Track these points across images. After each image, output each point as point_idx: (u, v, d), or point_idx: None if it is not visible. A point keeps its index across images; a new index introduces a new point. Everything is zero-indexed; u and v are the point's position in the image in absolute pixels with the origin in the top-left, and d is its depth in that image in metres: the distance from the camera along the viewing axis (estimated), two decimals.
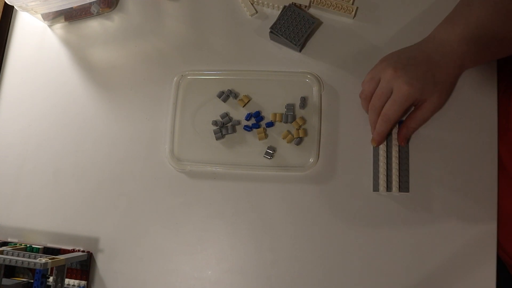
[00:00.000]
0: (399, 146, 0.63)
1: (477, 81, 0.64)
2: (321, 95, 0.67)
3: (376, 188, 0.63)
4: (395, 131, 0.63)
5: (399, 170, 0.62)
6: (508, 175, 0.61)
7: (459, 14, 0.60)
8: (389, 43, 0.68)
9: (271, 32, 0.68)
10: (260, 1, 0.71)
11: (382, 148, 0.63)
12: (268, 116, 0.68)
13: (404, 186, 0.62)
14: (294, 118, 0.66)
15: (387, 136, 0.63)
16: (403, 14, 0.69)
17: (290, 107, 0.67)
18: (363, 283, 0.61)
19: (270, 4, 0.71)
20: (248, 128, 0.67)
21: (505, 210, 0.61)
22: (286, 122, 0.67)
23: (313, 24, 0.68)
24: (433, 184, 0.62)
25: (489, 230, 0.60)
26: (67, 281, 0.66)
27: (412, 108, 0.62)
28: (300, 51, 0.69)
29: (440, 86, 0.60)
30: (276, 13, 0.71)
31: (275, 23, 0.68)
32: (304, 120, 0.66)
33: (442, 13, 0.62)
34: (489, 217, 0.61)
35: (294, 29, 0.68)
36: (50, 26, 0.78)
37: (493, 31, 0.58)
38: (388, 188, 0.62)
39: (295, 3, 0.69)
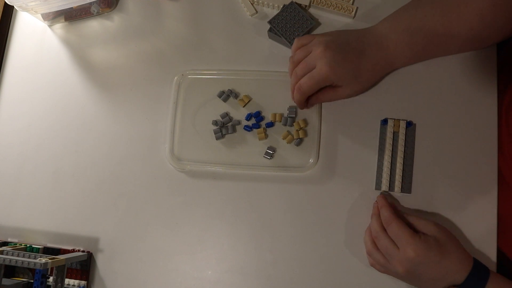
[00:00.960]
0: (404, 147, 0.63)
1: (477, 81, 0.64)
2: None
3: (378, 186, 0.63)
4: (400, 144, 0.63)
5: (403, 171, 0.63)
6: (505, 181, 0.61)
7: (406, 12, 0.62)
8: None
9: (269, 29, 0.68)
10: (260, 1, 0.71)
11: (388, 147, 0.63)
12: (268, 116, 0.68)
13: (406, 187, 0.62)
14: (294, 121, 0.66)
15: (305, 102, 0.64)
16: None
17: (292, 109, 0.66)
18: (363, 283, 0.61)
19: (270, 4, 0.71)
20: (248, 128, 0.67)
21: (503, 213, 0.61)
22: (285, 124, 0.67)
23: (311, 25, 0.68)
24: (433, 186, 0.62)
25: (489, 231, 0.60)
26: (67, 281, 0.66)
27: None
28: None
29: (360, 79, 0.62)
30: (277, 13, 0.71)
31: (274, 18, 0.68)
32: (306, 122, 0.66)
33: None
34: (489, 217, 0.61)
35: (291, 27, 0.68)
36: (50, 26, 0.78)
37: (435, 33, 0.59)
38: (391, 188, 0.62)
39: (296, 2, 0.69)
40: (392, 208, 0.58)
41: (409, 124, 0.64)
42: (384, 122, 0.64)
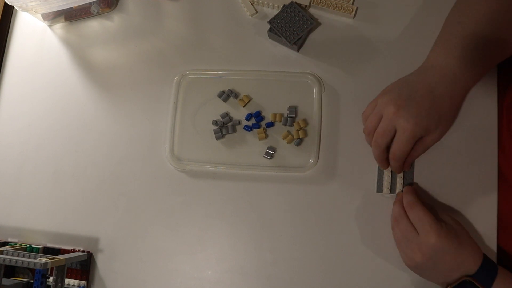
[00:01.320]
0: None
1: (477, 86, 0.64)
2: (321, 95, 0.67)
3: (379, 189, 0.63)
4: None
5: (404, 172, 0.63)
6: (506, 180, 0.61)
7: (452, 34, 0.60)
8: (389, 43, 0.68)
9: (269, 29, 0.68)
10: (260, 1, 0.71)
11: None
12: (268, 116, 0.68)
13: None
14: (294, 120, 0.66)
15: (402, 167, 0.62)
16: (403, 14, 0.69)
17: (292, 109, 0.66)
18: (364, 283, 0.61)
19: (270, 4, 0.71)
20: (248, 128, 0.67)
21: (504, 213, 0.61)
22: (285, 124, 0.67)
23: (311, 25, 0.67)
24: (433, 186, 0.62)
25: (489, 231, 0.60)
26: (67, 281, 0.66)
27: None
28: (298, 50, 0.69)
29: (444, 119, 0.59)
30: (277, 13, 0.71)
31: (274, 17, 0.68)
32: (306, 122, 0.66)
33: (443, 13, 0.63)
34: (489, 218, 0.61)
35: (291, 27, 0.68)
36: (50, 26, 0.78)
37: (488, 41, 0.58)
38: (392, 190, 0.62)
39: (296, 2, 0.69)
40: (417, 195, 0.59)
41: None
42: None
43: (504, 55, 0.61)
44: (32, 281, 0.68)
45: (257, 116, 0.67)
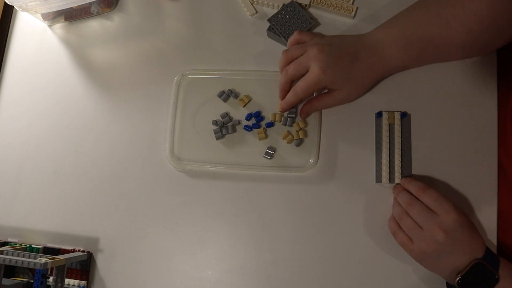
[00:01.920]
0: (401, 138, 0.63)
1: (477, 81, 0.64)
2: None
3: (378, 179, 0.63)
4: (397, 135, 0.64)
5: (402, 161, 0.63)
6: (507, 177, 0.61)
7: (402, 18, 0.62)
8: None
9: (268, 28, 0.68)
10: (260, 1, 0.71)
11: (385, 139, 0.63)
12: (268, 116, 0.68)
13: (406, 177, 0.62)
14: (294, 121, 0.66)
15: (294, 106, 0.65)
16: None
17: (292, 109, 0.66)
18: (364, 283, 0.61)
19: (270, 3, 0.71)
20: (248, 128, 0.67)
21: (504, 211, 0.61)
22: (285, 124, 0.67)
23: (310, 24, 0.67)
24: (433, 186, 0.62)
25: (489, 230, 0.60)
26: (67, 281, 0.66)
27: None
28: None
29: (354, 82, 0.62)
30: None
31: (273, 16, 0.68)
32: (305, 123, 0.66)
33: None
34: (489, 217, 0.61)
35: (290, 26, 0.68)
36: (50, 26, 0.78)
37: (430, 38, 0.59)
38: (391, 179, 0.62)
39: (296, 1, 0.69)
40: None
41: (404, 115, 0.64)
42: (379, 115, 0.64)
43: (447, 56, 0.63)
44: (32, 281, 0.68)
45: (257, 116, 0.67)
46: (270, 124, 0.67)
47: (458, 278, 0.54)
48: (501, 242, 0.60)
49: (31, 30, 0.79)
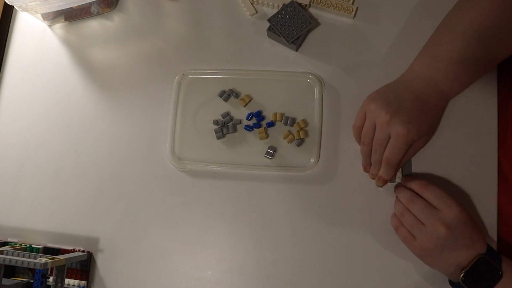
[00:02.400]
0: None
1: (477, 83, 0.64)
2: (322, 95, 0.67)
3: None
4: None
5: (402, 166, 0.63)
6: (506, 179, 0.61)
7: (440, 46, 0.60)
8: (390, 42, 0.68)
9: (268, 28, 0.68)
10: (260, 1, 0.71)
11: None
12: (269, 116, 0.68)
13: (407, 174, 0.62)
14: (294, 121, 0.66)
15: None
16: (403, 13, 0.69)
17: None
18: (364, 283, 0.61)
19: (270, 3, 0.71)
20: (249, 128, 0.67)
21: (504, 211, 0.61)
22: (286, 124, 0.67)
23: (310, 25, 0.67)
24: (431, 178, 0.62)
25: (489, 230, 0.60)
26: (67, 281, 0.66)
27: None
28: (296, 50, 0.69)
29: (432, 124, 0.61)
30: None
31: (273, 16, 0.68)
32: (306, 123, 0.66)
33: (442, 13, 0.63)
34: (489, 217, 0.61)
35: (290, 26, 0.68)
36: (50, 26, 0.78)
37: (475, 58, 0.58)
38: (391, 180, 0.62)
39: (296, 1, 0.69)
40: None
41: None
42: None
43: (487, 70, 0.62)
44: (32, 281, 0.68)
45: (258, 116, 0.67)
46: (271, 124, 0.67)
47: (462, 274, 0.54)
48: (502, 242, 0.60)
49: (31, 30, 0.79)
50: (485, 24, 0.58)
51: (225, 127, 0.68)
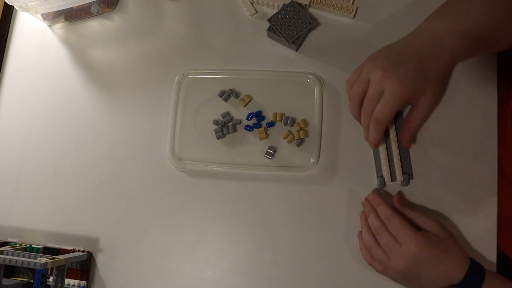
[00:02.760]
0: (398, 143, 0.63)
1: (477, 81, 0.64)
2: (322, 95, 0.67)
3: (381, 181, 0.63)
4: (392, 131, 0.63)
5: (401, 159, 0.62)
6: (507, 178, 0.61)
7: (449, 8, 0.59)
8: (390, 42, 0.68)
9: (268, 28, 0.69)
10: (260, 1, 0.71)
11: (382, 145, 0.63)
12: (269, 116, 0.68)
13: (406, 177, 0.62)
14: (294, 121, 0.66)
15: (383, 135, 0.61)
16: (403, 13, 0.69)
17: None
18: (363, 283, 0.61)
19: (270, 3, 0.71)
20: (249, 128, 0.67)
21: (504, 211, 0.61)
22: (286, 124, 0.67)
23: (310, 25, 0.67)
24: (433, 185, 0.62)
25: (489, 230, 0.60)
26: (67, 281, 0.66)
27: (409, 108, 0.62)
28: (296, 50, 0.69)
29: (433, 80, 0.57)
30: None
31: (273, 16, 0.68)
32: (306, 122, 0.66)
33: None
34: (489, 218, 0.61)
35: (290, 26, 0.68)
36: (50, 26, 0.78)
37: (483, 27, 0.57)
38: (393, 177, 0.62)
39: (296, 2, 0.69)
40: (390, 206, 0.58)
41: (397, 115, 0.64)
42: None
43: (497, 46, 0.60)
44: (32, 281, 0.68)
45: (258, 116, 0.67)
46: (271, 124, 0.67)
47: None
48: (502, 242, 0.60)
49: (31, 30, 0.79)
50: (495, 7, 0.57)
51: (225, 127, 0.68)
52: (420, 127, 0.62)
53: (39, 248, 0.67)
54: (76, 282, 0.66)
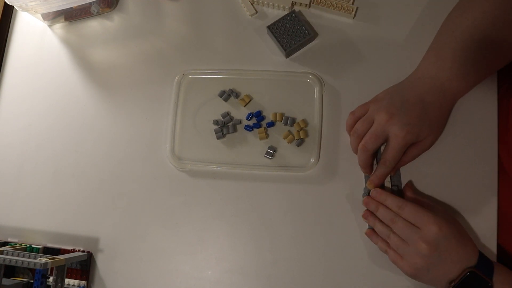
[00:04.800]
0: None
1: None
2: (322, 95, 0.67)
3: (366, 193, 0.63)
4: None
5: (391, 176, 0.63)
6: (508, 177, 0.61)
7: (445, 44, 0.60)
8: (389, 43, 0.68)
9: (269, 27, 0.69)
10: (260, 1, 0.71)
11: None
12: (269, 116, 0.68)
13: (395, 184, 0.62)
14: (294, 121, 0.66)
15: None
16: (403, 14, 0.69)
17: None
18: (364, 283, 0.61)
19: (270, 3, 0.71)
20: (249, 128, 0.67)
21: (504, 210, 0.61)
22: (286, 124, 0.67)
23: (308, 36, 0.68)
24: (433, 186, 0.62)
25: (489, 230, 0.60)
26: (67, 281, 0.66)
27: None
28: (286, 57, 0.69)
29: (436, 125, 0.61)
30: (277, 12, 0.72)
31: (274, 23, 0.68)
32: (306, 123, 0.66)
33: (442, 13, 0.63)
34: (489, 217, 0.61)
35: (288, 35, 0.68)
36: (50, 26, 0.78)
37: (480, 57, 0.58)
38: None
39: (299, 11, 0.69)
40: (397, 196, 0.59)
41: None
42: None
43: (495, 69, 0.62)
44: (32, 281, 0.68)
45: (258, 116, 0.67)
46: (271, 124, 0.67)
47: None
48: (502, 242, 0.60)
49: (31, 30, 0.79)
50: (488, 22, 0.58)
51: (225, 127, 0.68)
52: (409, 162, 0.63)
53: (39, 248, 0.67)
54: (76, 282, 0.66)
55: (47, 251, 0.68)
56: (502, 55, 0.60)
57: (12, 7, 0.78)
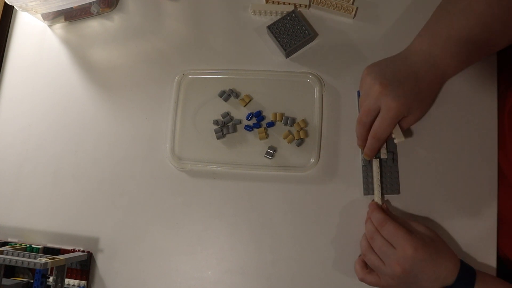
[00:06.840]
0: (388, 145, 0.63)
1: (477, 82, 0.64)
2: (322, 95, 0.67)
3: (367, 192, 0.63)
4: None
5: (390, 172, 0.63)
6: (506, 180, 0.61)
7: (440, 24, 0.60)
8: (390, 42, 0.68)
9: (268, 27, 0.69)
10: (257, 11, 0.71)
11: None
12: (269, 116, 0.68)
13: (394, 188, 0.62)
14: (294, 121, 0.66)
15: (379, 149, 0.63)
16: (403, 14, 0.69)
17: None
18: (363, 283, 0.61)
19: (268, 11, 0.71)
20: (249, 128, 0.67)
21: (504, 213, 0.61)
22: (286, 124, 0.67)
23: (308, 36, 0.68)
24: (433, 186, 0.62)
25: (489, 231, 0.60)
26: (67, 281, 0.66)
27: None
28: (286, 57, 0.69)
29: (425, 101, 0.61)
30: (275, 14, 0.71)
31: (274, 23, 0.68)
32: (306, 123, 0.66)
33: None
34: (489, 218, 0.61)
35: (288, 35, 0.68)
36: (50, 26, 0.78)
37: (474, 39, 0.58)
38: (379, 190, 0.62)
39: (299, 11, 0.69)
40: (384, 211, 0.59)
41: None
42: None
43: (489, 52, 0.62)
44: (32, 281, 0.68)
45: (258, 116, 0.67)
46: (271, 124, 0.67)
47: None
48: (501, 244, 0.60)
49: (31, 30, 0.79)
50: (484, 3, 0.58)
51: (225, 127, 0.68)
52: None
53: (39, 248, 0.67)
54: (76, 282, 0.66)
55: (47, 251, 0.68)
56: (496, 38, 0.60)
57: (12, 7, 0.78)
